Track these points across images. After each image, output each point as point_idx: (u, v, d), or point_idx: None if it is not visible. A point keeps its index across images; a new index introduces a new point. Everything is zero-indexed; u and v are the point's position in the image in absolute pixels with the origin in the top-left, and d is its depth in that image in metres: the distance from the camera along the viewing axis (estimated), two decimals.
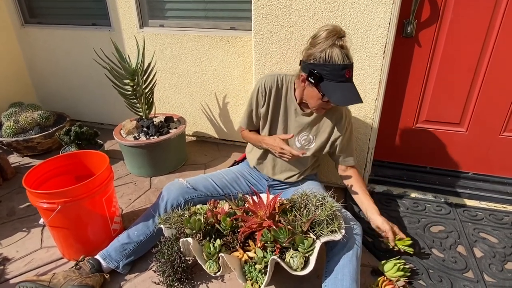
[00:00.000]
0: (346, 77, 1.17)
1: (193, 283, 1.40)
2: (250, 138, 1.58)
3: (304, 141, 1.46)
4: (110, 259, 1.40)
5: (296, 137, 1.46)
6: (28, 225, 1.75)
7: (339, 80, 1.17)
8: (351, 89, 1.20)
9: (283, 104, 1.43)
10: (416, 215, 1.77)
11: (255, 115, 1.50)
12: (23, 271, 1.48)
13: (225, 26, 2.23)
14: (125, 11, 2.33)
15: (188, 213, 1.35)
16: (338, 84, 1.18)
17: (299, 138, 1.46)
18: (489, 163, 1.92)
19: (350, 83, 1.21)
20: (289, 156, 1.37)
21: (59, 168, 1.59)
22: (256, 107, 1.47)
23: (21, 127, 2.34)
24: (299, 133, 1.45)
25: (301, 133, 1.45)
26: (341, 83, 1.18)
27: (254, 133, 1.58)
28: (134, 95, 2.09)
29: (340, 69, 1.15)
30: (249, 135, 1.58)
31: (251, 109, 1.49)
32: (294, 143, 1.47)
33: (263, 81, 1.41)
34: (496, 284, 1.37)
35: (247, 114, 1.53)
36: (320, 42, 1.17)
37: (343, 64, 1.15)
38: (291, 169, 1.53)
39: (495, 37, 1.62)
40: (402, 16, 1.64)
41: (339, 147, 1.45)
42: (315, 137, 1.45)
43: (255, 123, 1.53)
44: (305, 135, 1.45)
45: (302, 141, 1.46)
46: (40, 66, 2.83)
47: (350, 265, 1.18)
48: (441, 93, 1.81)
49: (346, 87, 1.19)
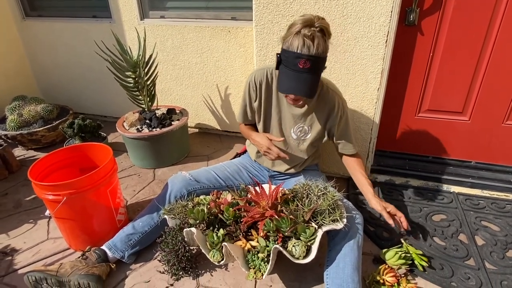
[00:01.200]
0: (299, 68, 1.13)
1: (197, 272, 1.43)
2: (243, 133, 1.59)
3: (300, 132, 1.46)
4: (116, 249, 1.43)
5: (292, 129, 1.46)
6: (34, 216, 1.78)
7: (292, 68, 1.15)
8: (300, 80, 1.16)
9: (274, 96, 1.42)
10: (418, 204, 1.78)
11: (250, 110, 1.50)
12: (31, 261, 1.51)
13: (226, 16, 2.21)
14: (126, 3, 2.32)
15: (191, 203, 1.37)
16: (291, 72, 1.16)
17: (295, 129, 1.45)
18: (492, 152, 1.92)
19: (305, 74, 1.15)
20: (274, 156, 1.38)
21: (64, 161, 1.61)
22: (249, 102, 1.48)
23: (25, 120, 2.36)
24: (294, 124, 1.44)
25: (296, 124, 1.44)
26: (293, 72, 1.15)
27: (248, 128, 1.58)
28: (136, 87, 2.09)
29: (294, 57, 1.13)
30: (243, 129, 1.59)
31: (245, 104, 1.50)
32: (290, 134, 1.47)
33: (253, 76, 1.41)
34: (497, 272, 1.38)
35: (242, 109, 1.53)
36: (291, 27, 1.16)
37: (298, 53, 1.12)
38: (291, 161, 1.54)
39: (499, 25, 1.60)
40: (405, 4, 1.61)
41: (336, 136, 1.45)
42: (310, 128, 1.44)
43: (250, 118, 1.53)
44: (300, 127, 1.45)
45: (297, 132, 1.46)
46: (41, 59, 2.83)
47: (351, 254, 1.20)
48: (444, 82, 1.80)
49: (295, 77, 1.16)
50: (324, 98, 1.37)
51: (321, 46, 1.12)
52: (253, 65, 2.19)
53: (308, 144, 1.47)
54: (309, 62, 1.12)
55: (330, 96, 1.37)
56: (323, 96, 1.37)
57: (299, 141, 1.48)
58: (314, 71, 1.16)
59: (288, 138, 1.48)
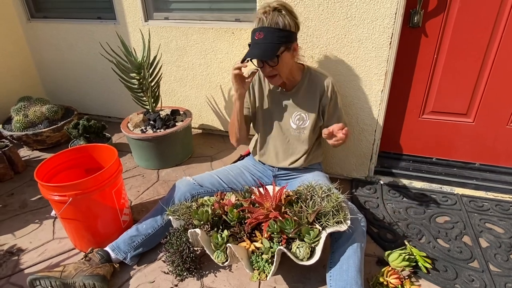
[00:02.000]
0: (255, 39, 1.29)
1: (202, 273, 1.44)
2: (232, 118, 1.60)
3: (298, 120, 1.52)
4: (119, 250, 1.44)
5: (290, 119, 1.52)
6: (40, 217, 1.80)
7: (253, 42, 1.31)
8: (255, 47, 1.29)
9: (267, 90, 1.54)
10: (422, 206, 1.78)
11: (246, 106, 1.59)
12: (37, 261, 1.52)
13: (229, 18, 2.22)
14: (130, 4, 2.33)
15: (195, 204, 1.38)
16: (252, 45, 1.31)
17: (293, 118, 1.52)
18: (496, 154, 1.91)
19: (260, 43, 1.28)
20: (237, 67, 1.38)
21: (69, 162, 1.62)
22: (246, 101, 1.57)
23: (30, 121, 2.38)
24: (291, 113, 1.52)
25: (293, 113, 1.51)
26: (252, 44, 1.31)
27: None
28: (141, 88, 2.11)
29: (252, 33, 1.31)
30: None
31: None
32: (290, 126, 1.53)
33: None
34: (502, 274, 1.38)
35: None
36: None
37: (254, 28, 1.30)
38: (294, 152, 1.57)
39: (504, 27, 1.59)
40: (409, 6, 1.62)
41: (328, 115, 1.50)
42: (307, 114, 1.50)
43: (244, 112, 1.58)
44: (297, 114, 1.51)
45: (296, 121, 1.52)
46: (47, 60, 2.85)
47: (355, 256, 1.20)
48: (448, 83, 1.79)
49: (253, 47, 1.30)
50: (313, 81, 1.48)
51: (275, 19, 1.27)
52: None
53: (309, 133, 1.52)
54: (262, 33, 1.27)
55: (318, 78, 1.47)
56: (312, 80, 1.48)
57: (299, 131, 1.53)
58: (268, 39, 1.28)
59: (289, 130, 1.54)
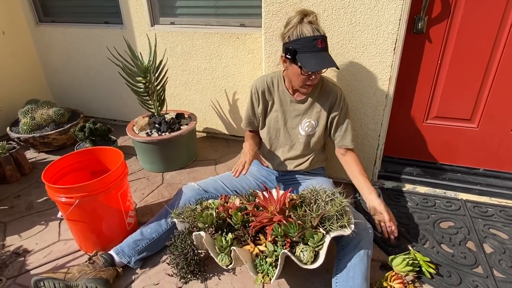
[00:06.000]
0: (318, 47, 1.27)
1: (206, 275, 1.45)
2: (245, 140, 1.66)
3: (307, 127, 1.53)
4: (123, 254, 1.45)
5: (299, 125, 1.53)
6: (46, 218, 1.82)
7: (312, 50, 1.27)
8: (325, 56, 1.29)
9: (277, 98, 1.53)
10: (425, 211, 1.77)
11: (253, 117, 1.61)
12: (43, 262, 1.54)
13: (235, 23, 2.24)
14: (137, 9, 2.37)
15: (200, 207, 1.39)
16: (312, 53, 1.28)
17: (303, 125, 1.53)
18: (500, 159, 1.91)
19: (324, 52, 1.29)
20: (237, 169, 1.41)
21: (76, 164, 1.64)
22: (252, 110, 1.59)
23: (37, 123, 2.41)
24: (301, 120, 1.53)
25: (302, 120, 1.53)
26: (314, 53, 1.27)
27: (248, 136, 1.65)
28: (146, 92, 2.13)
29: (311, 40, 1.26)
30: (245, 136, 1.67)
31: (249, 112, 1.61)
32: (299, 132, 1.54)
33: (254, 85, 1.54)
34: (506, 280, 1.38)
35: (246, 116, 1.63)
36: (290, 22, 1.31)
37: (313, 36, 1.26)
38: (300, 157, 1.59)
39: (508, 33, 1.60)
40: (413, 12, 1.63)
41: (335, 126, 1.52)
42: (317, 122, 1.52)
43: (254, 124, 1.63)
44: (307, 122, 1.52)
45: (305, 128, 1.53)
46: (54, 64, 2.89)
47: (361, 264, 1.21)
48: (452, 89, 1.80)
49: (320, 56, 1.28)
50: (325, 90, 1.49)
51: (321, 27, 1.30)
52: (261, 71, 2.22)
53: (317, 139, 1.54)
54: (323, 42, 1.28)
55: (331, 87, 1.49)
56: (324, 89, 1.49)
57: (308, 137, 1.54)
58: (327, 49, 1.32)
59: (297, 137, 1.55)
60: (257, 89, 1.53)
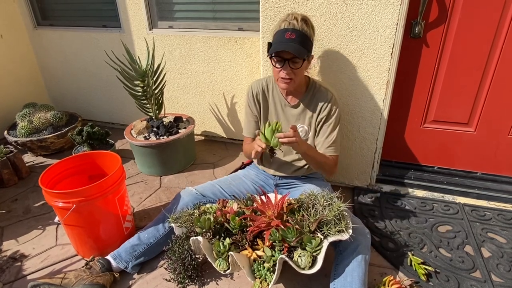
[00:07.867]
0: (285, 38, 1.26)
1: (203, 281, 1.44)
2: (246, 152, 1.63)
3: (301, 132, 1.52)
4: (120, 259, 1.45)
5: None
6: (43, 223, 1.81)
7: (280, 41, 1.28)
8: (287, 44, 1.26)
9: (271, 101, 1.54)
10: (423, 215, 1.77)
11: (253, 120, 1.59)
12: (40, 267, 1.53)
13: (233, 27, 2.25)
14: (135, 13, 2.37)
15: (197, 212, 1.38)
16: (279, 43, 1.28)
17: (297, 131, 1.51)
18: (498, 163, 1.92)
19: (291, 42, 1.26)
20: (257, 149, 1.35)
21: (73, 168, 1.64)
22: (251, 113, 1.58)
23: (35, 127, 2.40)
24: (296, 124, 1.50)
25: (297, 125, 1.51)
26: (281, 43, 1.27)
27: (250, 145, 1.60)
28: (144, 96, 2.13)
29: (282, 32, 1.28)
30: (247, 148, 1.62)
31: (248, 116, 1.59)
32: None
33: (251, 88, 1.54)
34: (504, 284, 1.38)
35: (247, 121, 1.61)
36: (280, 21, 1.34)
37: (284, 28, 1.28)
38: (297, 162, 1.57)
39: (504, 37, 1.61)
40: (410, 17, 1.64)
41: (322, 130, 1.48)
42: (310, 127, 1.51)
43: (256, 129, 1.60)
44: (301, 127, 1.52)
45: (300, 133, 1.51)
46: (52, 67, 2.89)
47: (359, 269, 1.21)
48: (449, 93, 1.81)
49: (283, 44, 1.27)
50: (317, 94, 1.47)
51: (304, 26, 1.29)
52: (259, 75, 2.22)
53: (311, 144, 1.53)
54: (294, 34, 1.26)
55: (322, 91, 1.47)
56: (316, 93, 1.47)
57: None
58: (299, 42, 1.27)
59: None
60: (253, 93, 1.53)
